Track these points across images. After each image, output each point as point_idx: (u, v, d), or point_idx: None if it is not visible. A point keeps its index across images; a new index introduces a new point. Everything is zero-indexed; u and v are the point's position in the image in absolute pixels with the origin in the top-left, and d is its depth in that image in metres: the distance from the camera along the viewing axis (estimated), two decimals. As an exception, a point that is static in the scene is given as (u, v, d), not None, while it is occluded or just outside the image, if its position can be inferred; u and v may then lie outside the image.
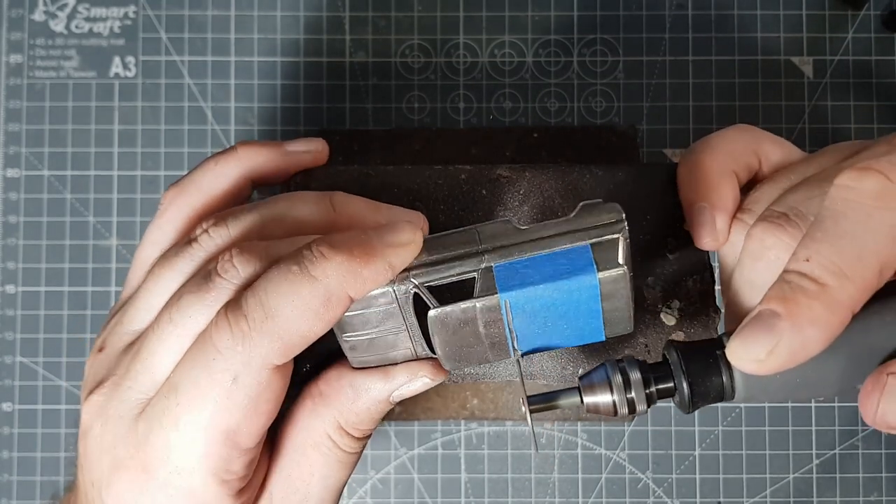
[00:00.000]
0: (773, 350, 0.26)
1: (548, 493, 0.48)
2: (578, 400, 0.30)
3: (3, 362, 0.48)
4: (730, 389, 0.29)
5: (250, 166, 0.34)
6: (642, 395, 0.29)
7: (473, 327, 0.29)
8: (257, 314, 0.27)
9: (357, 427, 0.31)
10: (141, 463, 0.28)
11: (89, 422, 0.30)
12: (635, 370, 0.29)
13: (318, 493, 0.31)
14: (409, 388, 0.31)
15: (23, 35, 0.49)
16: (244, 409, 0.27)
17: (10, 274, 0.48)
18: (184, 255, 0.30)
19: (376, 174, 0.35)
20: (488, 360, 0.30)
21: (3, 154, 0.49)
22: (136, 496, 0.29)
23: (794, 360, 0.26)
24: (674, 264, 0.34)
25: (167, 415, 0.28)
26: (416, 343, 0.30)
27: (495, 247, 0.29)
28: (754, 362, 0.27)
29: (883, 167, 0.27)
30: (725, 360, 0.28)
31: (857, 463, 0.48)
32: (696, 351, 0.29)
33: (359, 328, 0.30)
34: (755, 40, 0.49)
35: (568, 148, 0.48)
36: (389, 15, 0.49)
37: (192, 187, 0.33)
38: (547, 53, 0.49)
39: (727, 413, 0.48)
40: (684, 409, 0.29)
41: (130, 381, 0.29)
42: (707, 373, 0.29)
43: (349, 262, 0.27)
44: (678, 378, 0.29)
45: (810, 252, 0.27)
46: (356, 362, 0.31)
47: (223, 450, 0.28)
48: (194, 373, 0.27)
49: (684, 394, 0.29)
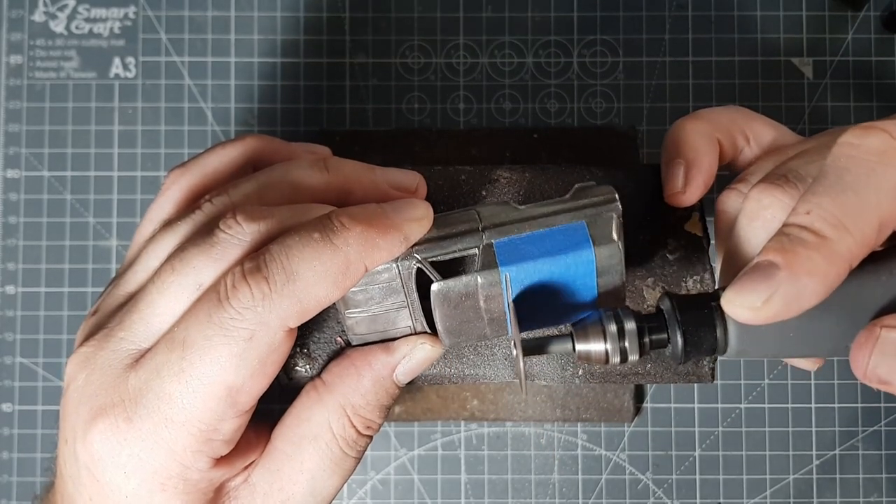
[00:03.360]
0: (769, 298, 0.26)
1: (548, 494, 0.48)
2: (570, 347, 0.29)
3: (3, 363, 0.48)
4: (723, 341, 0.29)
5: (256, 151, 0.34)
6: (636, 344, 0.29)
7: (474, 301, 0.30)
8: (279, 277, 0.27)
9: (361, 415, 0.31)
10: (125, 412, 0.28)
11: (73, 373, 0.29)
12: (630, 319, 0.29)
13: (301, 497, 0.30)
14: (410, 362, 0.31)
15: (23, 36, 0.49)
16: (253, 368, 0.28)
17: (10, 275, 0.48)
18: (184, 221, 0.31)
19: None
20: (486, 336, 0.31)
21: (3, 155, 0.49)
22: (112, 447, 0.28)
23: (790, 310, 0.26)
24: (674, 264, 0.34)
25: (168, 367, 0.28)
26: (416, 320, 0.31)
27: (495, 224, 0.30)
28: (750, 310, 0.26)
29: (887, 126, 0.27)
30: (720, 311, 0.28)
31: (857, 464, 0.48)
32: (690, 302, 0.29)
33: (362, 304, 0.31)
34: (755, 41, 0.49)
35: (568, 149, 0.48)
36: (389, 16, 0.49)
37: (196, 168, 0.33)
38: (547, 54, 0.49)
39: (727, 414, 0.48)
40: (676, 361, 0.29)
41: (124, 332, 0.29)
42: (701, 323, 0.28)
43: (368, 233, 0.28)
44: (672, 328, 0.29)
45: (810, 205, 0.27)
46: (357, 340, 0.32)
47: (220, 406, 0.28)
48: (207, 330, 0.27)
49: (677, 344, 0.28)
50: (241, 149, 0.34)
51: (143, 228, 0.33)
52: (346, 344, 0.33)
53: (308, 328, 0.33)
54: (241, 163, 0.34)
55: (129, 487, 0.28)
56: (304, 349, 0.33)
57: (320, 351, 0.33)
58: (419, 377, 0.34)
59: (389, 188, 0.33)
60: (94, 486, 0.29)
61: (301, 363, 0.33)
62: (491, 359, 0.34)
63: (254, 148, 0.34)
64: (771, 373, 0.48)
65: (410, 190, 0.33)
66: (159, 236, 0.31)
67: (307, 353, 0.33)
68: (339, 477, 0.31)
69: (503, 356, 0.34)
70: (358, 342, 0.32)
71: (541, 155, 0.48)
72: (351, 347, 0.32)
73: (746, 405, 0.48)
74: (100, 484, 0.28)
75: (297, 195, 0.31)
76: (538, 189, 0.35)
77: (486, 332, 0.31)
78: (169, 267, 0.29)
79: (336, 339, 0.33)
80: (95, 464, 0.28)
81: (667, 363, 0.34)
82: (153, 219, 0.33)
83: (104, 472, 0.28)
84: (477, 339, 0.31)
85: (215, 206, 0.30)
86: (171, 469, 0.28)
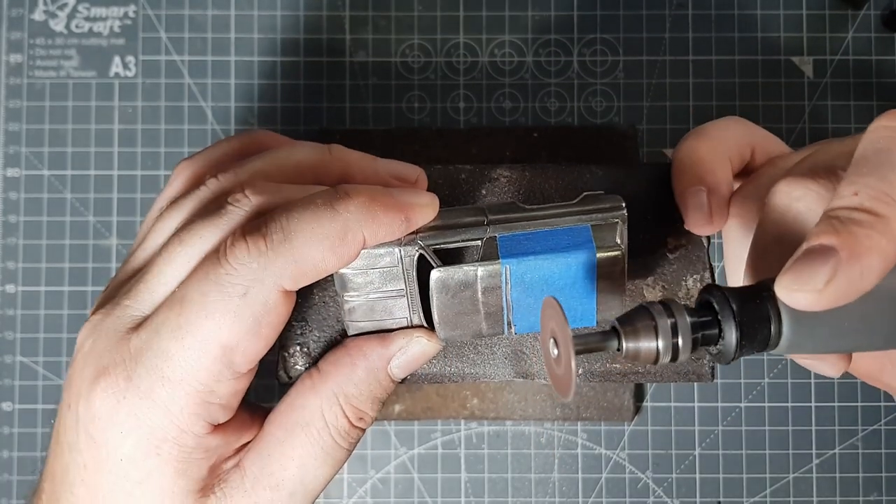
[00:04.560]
0: (831, 280, 0.24)
1: (548, 492, 0.48)
2: (616, 345, 0.26)
3: (4, 362, 0.48)
4: (776, 334, 0.26)
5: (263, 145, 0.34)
6: (688, 340, 0.26)
7: (472, 292, 0.30)
8: (277, 235, 0.28)
9: (354, 405, 0.31)
10: (125, 371, 0.28)
11: (81, 341, 0.30)
12: (682, 313, 0.26)
13: (291, 484, 0.30)
14: (405, 355, 0.31)
15: (23, 34, 0.49)
16: (247, 327, 0.28)
17: (10, 273, 0.48)
18: (191, 197, 0.31)
19: None
20: (482, 332, 0.31)
21: (3, 153, 0.49)
22: (112, 405, 0.28)
23: (853, 291, 0.25)
24: (673, 264, 0.34)
25: (167, 324, 0.28)
26: (413, 312, 0.31)
27: (500, 220, 0.31)
28: (812, 293, 0.25)
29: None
30: (773, 301, 0.26)
31: (857, 462, 0.48)
32: (740, 294, 0.27)
33: (361, 288, 0.31)
34: (755, 40, 0.49)
35: (568, 148, 0.48)
36: (389, 14, 0.49)
37: (204, 158, 0.34)
38: (547, 53, 0.49)
39: (727, 413, 0.48)
40: (726, 359, 0.27)
41: (129, 300, 0.29)
42: (754, 315, 0.26)
43: (370, 204, 0.28)
44: (726, 321, 0.26)
45: (857, 186, 0.25)
46: (353, 328, 0.32)
47: (216, 365, 0.28)
48: (204, 286, 0.28)
49: (731, 339, 0.26)
50: (248, 141, 0.34)
51: (153, 214, 0.33)
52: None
53: (309, 327, 0.33)
54: (248, 154, 0.34)
55: (124, 449, 0.28)
56: (305, 348, 0.33)
57: (321, 351, 0.33)
58: (419, 375, 0.34)
59: (390, 178, 0.33)
60: (91, 449, 0.29)
61: (301, 362, 0.33)
62: (491, 357, 0.34)
63: (260, 141, 0.34)
64: (770, 372, 0.48)
65: (411, 181, 0.33)
66: (166, 214, 0.31)
67: (307, 353, 0.33)
68: (329, 467, 0.31)
69: (503, 355, 0.34)
70: (354, 331, 0.32)
71: (541, 154, 0.48)
72: (347, 337, 0.32)
73: (746, 404, 0.48)
74: (97, 445, 0.28)
75: (301, 176, 0.32)
76: (538, 188, 0.35)
77: (482, 327, 0.31)
78: (176, 239, 0.29)
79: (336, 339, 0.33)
80: (95, 423, 0.28)
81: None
82: (161, 207, 0.33)
83: (103, 432, 0.28)
84: (472, 334, 0.31)
85: (221, 183, 0.31)
86: (168, 431, 0.28)
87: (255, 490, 0.30)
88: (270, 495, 0.30)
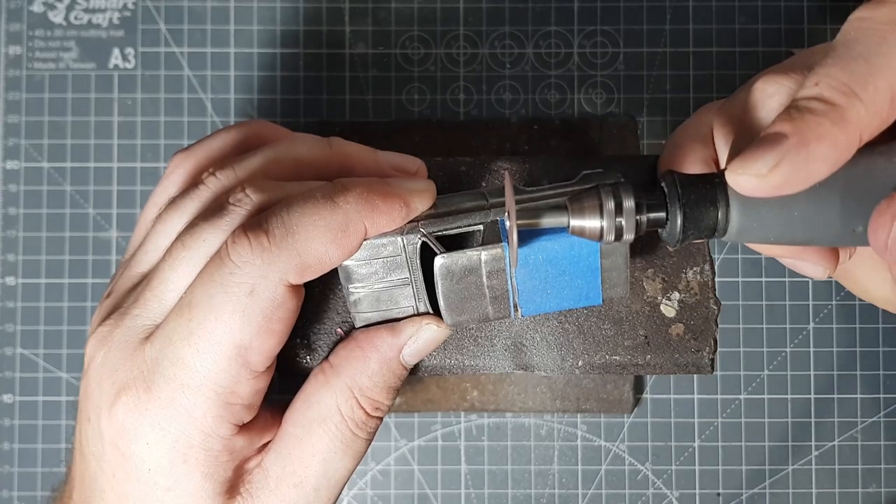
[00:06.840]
0: (776, 165, 0.25)
1: (547, 484, 0.48)
2: (565, 220, 0.28)
3: (4, 354, 0.48)
4: (724, 220, 0.27)
5: (260, 136, 0.34)
6: (632, 222, 0.27)
7: (477, 276, 0.30)
8: (279, 230, 0.28)
9: (369, 396, 0.31)
10: (144, 382, 0.28)
11: (92, 353, 0.30)
12: (629, 196, 0.27)
13: (314, 480, 0.30)
14: (416, 343, 0.31)
15: (22, 26, 0.49)
16: (257, 325, 0.28)
17: (10, 266, 0.48)
18: (191, 196, 0.31)
19: None
20: (488, 316, 0.31)
21: (3, 146, 0.49)
22: (135, 419, 0.28)
23: (798, 179, 0.25)
24: (673, 256, 0.34)
25: (178, 331, 0.28)
26: (418, 300, 0.31)
27: (501, 203, 0.30)
28: (755, 177, 0.25)
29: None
30: (723, 188, 0.27)
31: (857, 454, 0.48)
32: (693, 180, 0.27)
33: (365, 279, 0.31)
34: (756, 31, 0.49)
35: (568, 140, 0.48)
36: (389, 6, 0.49)
37: (200, 151, 0.33)
38: (547, 45, 0.49)
39: (726, 405, 0.48)
40: (672, 241, 0.28)
41: (139, 309, 0.29)
42: (702, 200, 0.27)
43: (369, 194, 0.29)
44: (672, 204, 0.27)
45: (819, 77, 0.26)
46: (360, 320, 0.32)
47: (233, 367, 0.28)
48: (210, 288, 0.28)
49: (676, 222, 0.27)
50: (246, 132, 0.34)
51: (149, 211, 0.33)
52: (344, 335, 0.33)
53: (308, 319, 0.33)
54: (245, 147, 0.34)
55: (151, 459, 0.28)
56: (305, 340, 0.33)
57: (321, 342, 0.33)
58: (420, 367, 0.34)
59: (391, 170, 0.33)
60: (119, 461, 0.29)
61: (302, 354, 0.33)
62: (491, 350, 0.34)
63: (258, 132, 0.34)
64: (770, 364, 0.48)
65: (411, 172, 0.33)
66: (166, 214, 0.31)
67: (307, 345, 0.33)
68: (350, 458, 0.31)
69: (503, 347, 0.34)
70: (361, 323, 0.32)
71: (541, 146, 0.48)
72: (356, 330, 0.32)
73: (746, 396, 0.48)
74: (124, 457, 0.29)
75: (301, 171, 0.32)
76: (538, 180, 0.35)
77: (488, 311, 0.31)
78: (179, 243, 0.29)
79: (336, 331, 0.33)
80: (121, 437, 0.28)
81: (667, 353, 0.34)
82: (158, 202, 0.33)
83: (129, 445, 0.28)
84: (479, 319, 0.31)
85: (221, 181, 0.31)
86: (193, 437, 0.28)
87: (280, 489, 0.30)
88: (296, 493, 0.30)
